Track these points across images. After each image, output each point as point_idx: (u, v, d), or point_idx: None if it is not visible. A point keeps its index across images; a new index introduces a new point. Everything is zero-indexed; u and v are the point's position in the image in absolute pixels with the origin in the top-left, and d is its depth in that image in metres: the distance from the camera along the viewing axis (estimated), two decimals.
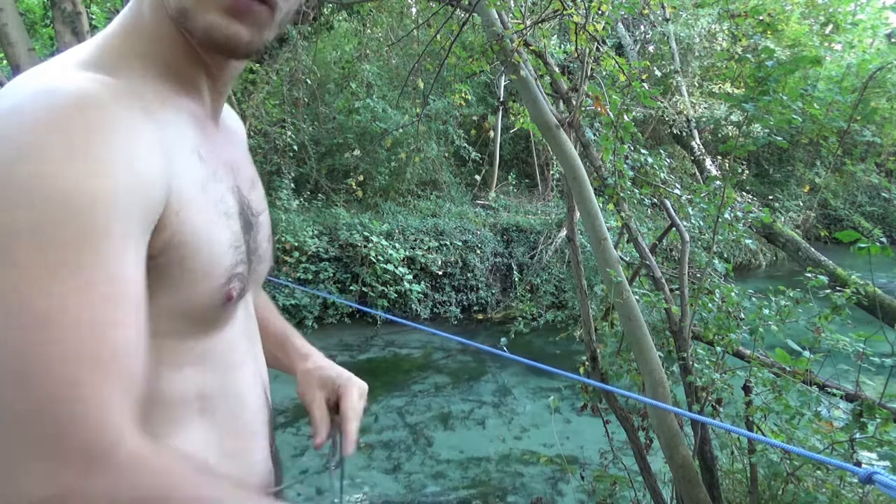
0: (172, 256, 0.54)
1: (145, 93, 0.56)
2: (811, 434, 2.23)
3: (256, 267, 0.69)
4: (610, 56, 3.19)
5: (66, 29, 6.09)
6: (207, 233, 0.57)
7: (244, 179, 0.69)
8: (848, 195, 12.83)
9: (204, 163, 0.60)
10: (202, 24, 0.56)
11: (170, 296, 0.55)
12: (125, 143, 0.48)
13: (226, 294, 0.60)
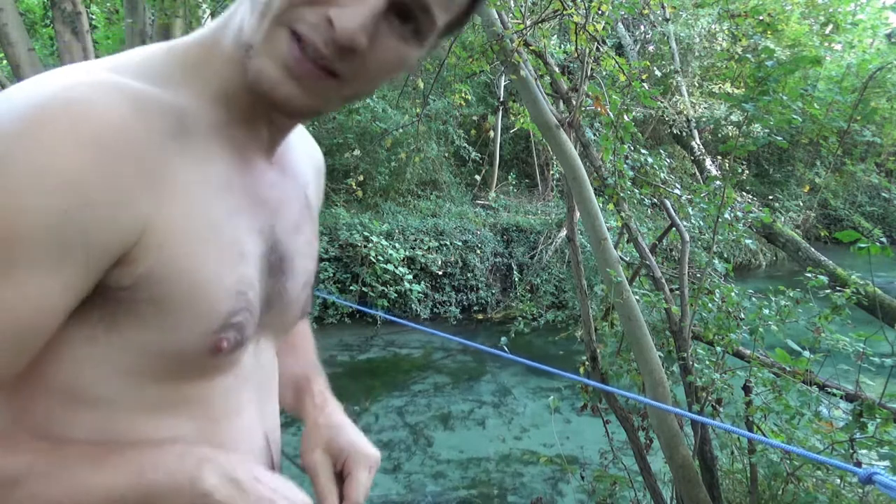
0: (148, 292, 0.49)
1: (189, 113, 0.53)
2: (811, 434, 2.23)
3: (280, 315, 0.64)
4: (610, 56, 3.19)
5: (66, 29, 6.09)
6: (200, 273, 0.51)
7: (285, 220, 0.62)
8: (848, 195, 12.83)
9: (229, 197, 0.55)
10: (255, 67, 0.51)
11: (141, 333, 0.51)
12: (87, 164, 0.44)
13: (214, 343, 0.54)
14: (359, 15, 0.48)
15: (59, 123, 0.44)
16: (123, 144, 0.46)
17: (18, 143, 0.43)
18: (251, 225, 0.57)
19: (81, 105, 0.45)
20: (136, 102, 0.48)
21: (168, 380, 0.55)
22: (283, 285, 0.63)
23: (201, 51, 0.56)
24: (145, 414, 0.55)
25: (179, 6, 4.96)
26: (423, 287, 7.28)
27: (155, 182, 0.48)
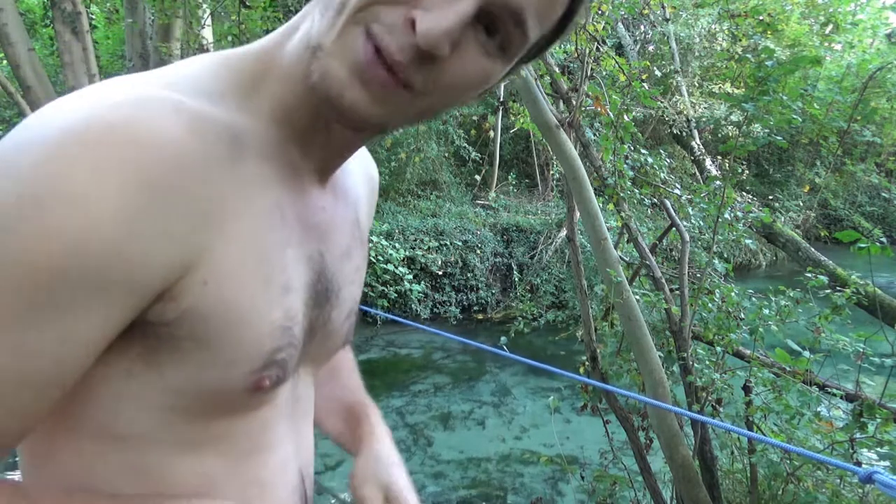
0: (190, 329, 0.46)
1: (244, 134, 0.49)
2: (811, 434, 2.23)
3: (321, 344, 0.61)
4: (610, 56, 3.20)
5: (66, 29, 6.09)
6: (245, 309, 0.48)
7: (334, 246, 0.59)
8: (848, 195, 12.83)
9: (279, 227, 0.51)
10: (321, 67, 0.46)
11: (180, 371, 0.48)
12: (140, 209, 0.40)
13: (255, 383, 0.51)
14: (445, 19, 0.43)
15: (101, 150, 0.39)
16: (176, 175, 0.42)
17: (55, 173, 0.38)
18: (300, 254, 0.54)
19: (129, 128, 0.41)
20: (193, 124, 0.44)
21: (202, 417, 0.52)
22: (328, 315, 0.60)
23: (258, 65, 0.52)
24: (177, 451, 0.52)
25: (179, 6, 4.96)
26: (423, 287, 7.28)
27: (206, 215, 0.45)
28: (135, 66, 6.38)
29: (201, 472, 0.53)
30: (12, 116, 7.80)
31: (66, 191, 0.38)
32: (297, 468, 0.63)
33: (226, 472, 0.55)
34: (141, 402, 0.48)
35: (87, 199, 0.38)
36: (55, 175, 0.38)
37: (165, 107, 0.43)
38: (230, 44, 5.06)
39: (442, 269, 7.47)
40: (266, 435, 0.58)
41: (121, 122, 0.40)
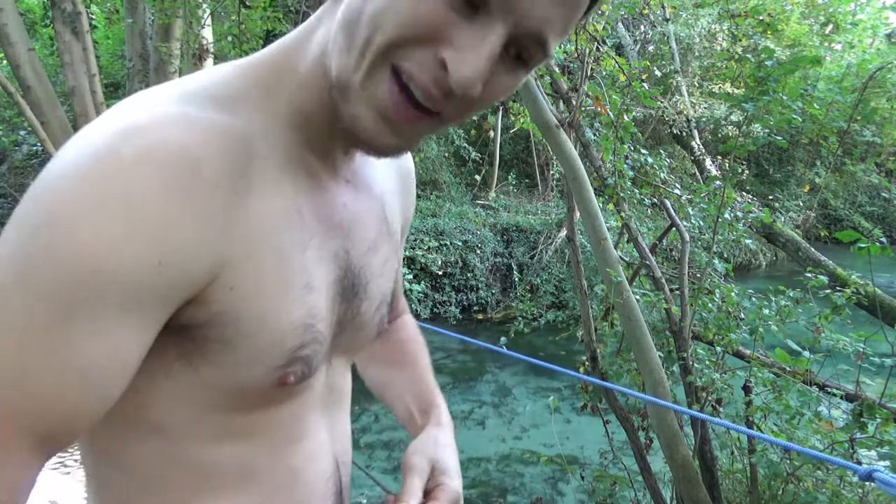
0: (217, 333, 0.49)
1: (259, 139, 0.51)
2: (811, 434, 2.23)
3: (352, 336, 0.63)
4: (610, 56, 3.20)
5: (66, 29, 6.09)
6: (266, 313, 0.50)
7: (359, 241, 0.60)
8: (848, 195, 12.83)
9: (299, 228, 0.53)
10: (350, 113, 0.49)
11: (211, 370, 0.51)
12: (173, 223, 0.43)
13: (280, 378, 0.54)
14: (478, 61, 0.44)
15: (146, 177, 0.42)
16: (203, 191, 0.45)
17: (111, 200, 0.41)
18: (323, 252, 0.56)
19: (170, 160, 0.43)
20: (207, 135, 0.46)
21: (236, 410, 0.55)
22: (358, 308, 0.61)
23: (273, 71, 0.54)
24: (215, 442, 0.55)
25: (179, 6, 4.96)
26: (423, 287, 7.28)
27: (228, 223, 0.47)
28: (135, 66, 6.39)
29: (238, 461, 0.56)
30: (12, 116, 7.80)
31: (115, 217, 0.41)
32: (331, 456, 0.66)
33: (261, 461, 0.58)
34: (179, 398, 0.52)
35: (131, 222, 0.42)
36: (94, 200, 0.41)
37: (180, 125, 0.45)
38: (230, 44, 5.06)
39: (442, 269, 7.48)
40: (299, 425, 0.60)
41: (144, 146, 0.43)
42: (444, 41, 0.44)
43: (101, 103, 6.22)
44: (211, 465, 0.56)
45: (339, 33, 0.48)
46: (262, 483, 0.59)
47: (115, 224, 0.41)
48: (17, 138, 8.08)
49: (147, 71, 6.20)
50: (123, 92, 7.81)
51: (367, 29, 0.45)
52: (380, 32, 0.44)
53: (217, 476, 0.56)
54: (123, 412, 0.52)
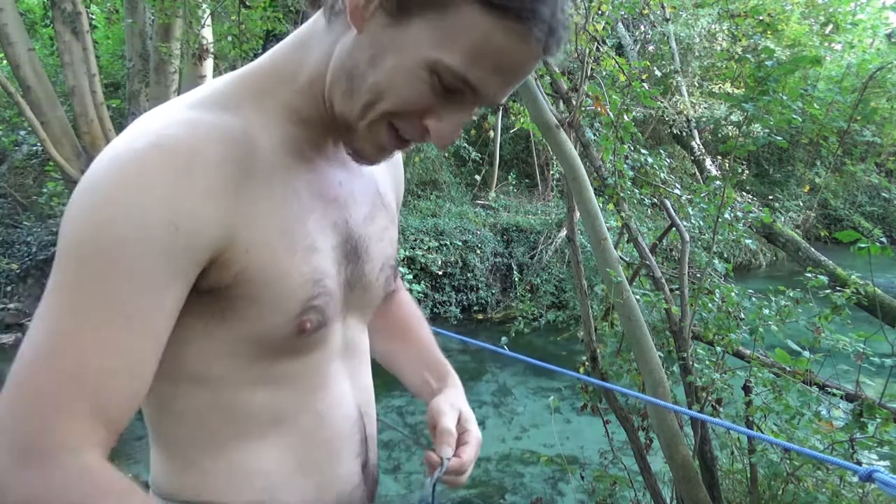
0: (242, 290, 0.60)
1: (256, 134, 0.62)
2: (811, 434, 2.23)
3: (361, 296, 0.74)
4: (610, 56, 3.20)
5: (66, 29, 6.09)
6: (278, 270, 0.61)
7: (356, 213, 0.72)
8: (848, 195, 12.82)
9: (299, 199, 0.64)
10: (356, 145, 0.64)
11: (241, 324, 0.61)
12: (180, 193, 0.54)
13: (298, 325, 0.63)
14: (454, 129, 0.61)
15: (163, 164, 0.54)
16: (210, 172, 0.56)
17: (138, 182, 0.53)
18: (322, 222, 0.66)
19: (175, 148, 0.55)
20: (208, 131, 0.57)
21: (266, 359, 0.65)
22: (362, 269, 0.72)
23: (270, 79, 0.65)
24: (248, 388, 0.65)
25: (179, 6, 4.96)
26: (423, 287, 7.27)
27: (232, 197, 0.57)
28: (135, 66, 6.38)
29: (270, 406, 0.67)
30: (12, 116, 7.79)
31: (142, 193, 0.53)
32: (355, 404, 0.75)
33: (290, 406, 0.68)
34: (217, 351, 0.63)
35: (155, 196, 0.53)
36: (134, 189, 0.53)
37: (184, 124, 0.57)
38: (230, 44, 5.05)
39: (442, 269, 7.47)
40: (321, 374, 0.71)
41: (153, 141, 0.55)
42: (429, 114, 0.60)
43: (101, 103, 6.22)
44: (247, 410, 0.66)
45: (341, 76, 0.60)
46: (293, 425, 0.69)
47: (138, 198, 0.52)
48: (17, 138, 8.07)
49: (147, 71, 6.20)
50: (123, 92, 7.80)
51: (370, 94, 0.59)
52: (382, 102, 0.59)
53: (253, 420, 0.66)
54: (170, 367, 0.62)
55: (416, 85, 0.57)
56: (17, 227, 6.96)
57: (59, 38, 6.20)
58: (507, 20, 0.53)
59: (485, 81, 0.57)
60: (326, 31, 0.62)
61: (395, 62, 0.57)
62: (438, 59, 0.55)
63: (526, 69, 0.58)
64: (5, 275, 6.37)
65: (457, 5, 0.54)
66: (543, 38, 0.55)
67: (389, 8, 0.56)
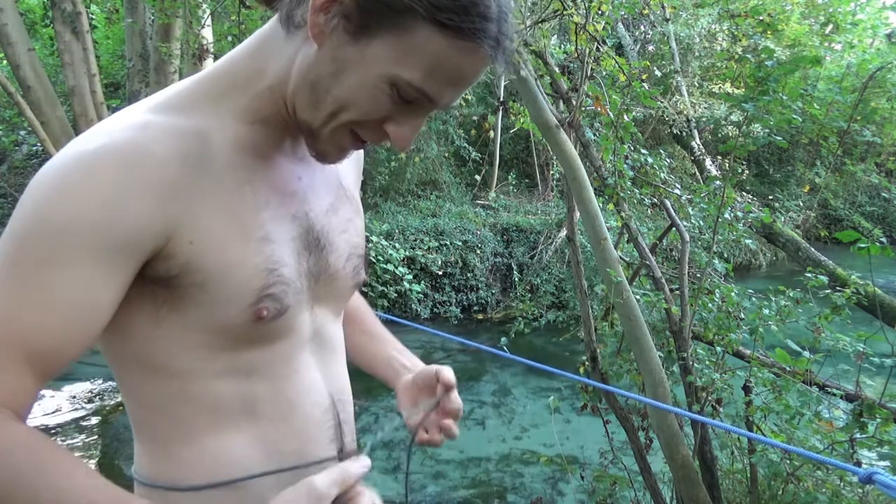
0: (191, 279, 0.63)
1: (210, 133, 0.65)
2: (811, 434, 2.23)
3: (327, 285, 0.76)
4: (610, 56, 3.19)
5: (66, 29, 6.09)
6: (228, 259, 0.64)
7: (317, 205, 0.75)
8: (848, 195, 12.82)
9: (250, 195, 0.67)
10: (319, 148, 0.68)
11: (197, 312, 0.64)
12: (119, 192, 0.58)
13: (254, 313, 0.66)
14: (411, 132, 0.66)
15: (108, 163, 0.58)
16: (152, 171, 0.59)
17: (82, 179, 0.57)
18: (280, 213, 0.69)
19: (120, 148, 0.59)
20: (159, 133, 0.61)
21: (230, 349, 0.67)
22: (326, 259, 0.74)
23: (226, 84, 0.68)
24: (216, 378, 0.68)
25: (179, 6, 4.96)
26: (423, 287, 7.27)
27: (179, 195, 0.61)
28: (135, 66, 6.38)
29: (241, 395, 0.69)
30: (12, 116, 7.80)
31: (83, 190, 0.57)
32: (326, 392, 0.77)
33: (261, 395, 0.70)
34: (177, 343, 0.65)
35: (95, 194, 0.57)
36: (80, 183, 0.58)
37: (136, 127, 0.61)
38: (230, 44, 5.05)
39: (442, 269, 7.47)
40: (290, 363, 0.72)
41: (105, 142, 0.59)
42: (388, 120, 0.65)
43: (101, 103, 6.22)
44: (217, 399, 0.68)
45: (304, 87, 0.64)
46: (264, 414, 0.70)
47: (78, 195, 0.57)
48: (17, 138, 8.07)
49: (147, 71, 6.20)
50: (124, 92, 7.80)
51: (333, 105, 0.64)
52: (345, 113, 0.64)
53: (224, 409, 0.68)
54: (138, 360, 0.67)
55: (377, 97, 0.62)
56: None
57: (59, 38, 6.20)
58: (459, 39, 0.59)
59: (440, 92, 0.63)
60: (286, 41, 0.66)
61: (357, 77, 0.62)
62: (398, 75, 0.60)
63: (476, 78, 0.64)
64: None
65: (414, 27, 0.58)
66: (491, 51, 0.61)
67: (350, 28, 0.60)
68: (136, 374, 0.68)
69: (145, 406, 0.69)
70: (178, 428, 0.69)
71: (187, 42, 5.10)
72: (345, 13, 0.60)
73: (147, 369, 0.67)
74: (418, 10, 0.58)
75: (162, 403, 0.68)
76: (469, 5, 0.58)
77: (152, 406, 0.69)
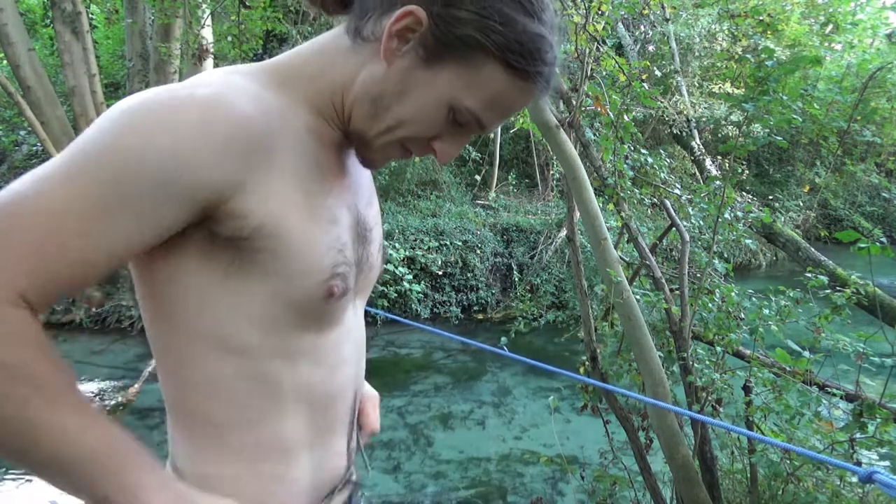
0: (264, 244, 0.63)
1: (288, 111, 0.67)
2: (811, 434, 2.23)
3: (367, 275, 0.79)
4: (610, 56, 3.20)
5: (66, 29, 6.09)
6: (303, 233, 0.65)
7: (361, 198, 0.78)
8: (848, 195, 12.82)
9: (322, 176, 0.70)
10: (367, 155, 0.73)
11: (266, 281, 0.64)
12: (195, 142, 0.58)
13: (327, 290, 0.67)
14: (456, 151, 0.72)
15: (189, 114, 0.58)
16: (235, 126, 0.60)
17: (160, 124, 0.57)
18: (340, 202, 0.72)
19: (208, 100, 0.60)
20: (255, 101, 0.63)
21: (296, 328, 0.68)
22: (368, 250, 0.78)
23: (293, 72, 0.71)
24: (280, 360, 0.68)
25: (179, 6, 4.96)
26: (423, 287, 7.27)
27: (257, 156, 0.62)
28: (135, 66, 6.38)
29: (296, 380, 0.70)
30: (12, 116, 7.80)
31: (158, 138, 0.57)
32: (353, 387, 0.80)
33: (310, 381, 0.71)
34: (243, 315, 0.65)
35: (172, 141, 0.57)
36: (155, 131, 0.57)
37: (231, 86, 0.62)
38: (230, 44, 5.05)
39: (442, 269, 7.47)
40: (338, 353, 0.74)
41: (201, 96, 0.60)
42: (437, 138, 0.70)
43: (101, 103, 6.22)
44: (277, 382, 0.68)
45: (365, 100, 0.68)
46: (315, 402, 0.72)
47: (153, 138, 0.56)
48: (17, 138, 8.07)
49: (147, 71, 6.20)
50: (123, 92, 7.80)
51: (392, 121, 0.68)
52: (401, 129, 0.68)
53: (280, 393, 0.69)
54: (193, 331, 0.65)
55: (435, 119, 0.68)
56: None
57: (59, 38, 6.20)
58: (520, 80, 0.66)
59: (491, 119, 0.69)
60: (351, 51, 0.69)
61: (421, 100, 0.66)
62: (460, 101, 0.66)
63: (521, 109, 0.73)
64: None
65: (483, 63, 0.64)
66: (542, 91, 0.69)
67: (423, 54, 0.65)
68: (186, 349, 0.66)
69: (195, 385, 0.67)
70: (235, 411, 0.67)
71: (187, 42, 5.10)
72: (422, 42, 0.64)
73: (200, 342, 0.65)
74: (491, 49, 0.63)
75: (222, 384, 0.67)
76: (535, 51, 0.65)
77: (204, 385, 0.67)
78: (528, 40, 0.64)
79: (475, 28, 0.63)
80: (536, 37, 0.64)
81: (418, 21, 0.63)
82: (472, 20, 0.63)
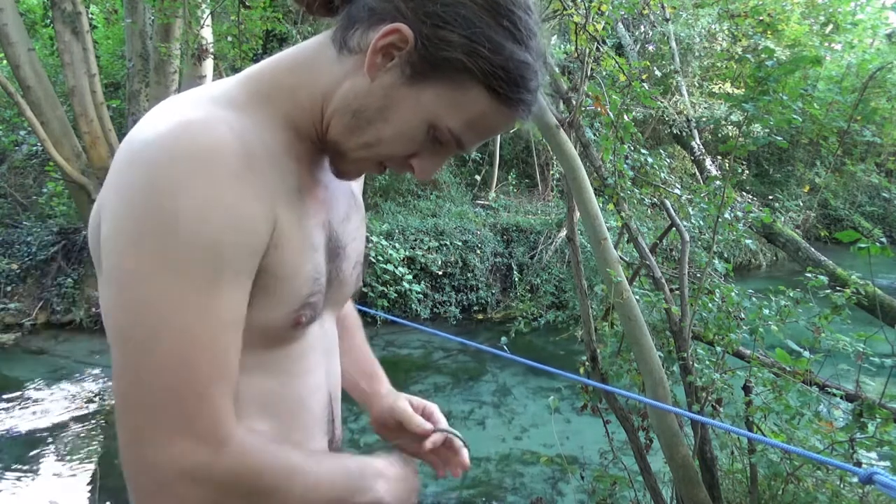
0: (262, 282, 0.64)
1: (266, 134, 0.66)
2: (811, 434, 2.22)
3: (337, 291, 0.79)
4: (610, 56, 3.20)
5: (66, 29, 6.08)
6: (295, 266, 0.66)
7: (336, 213, 0.78)
8: (848, 195, 12.82)
9: (301, 200, 0.69)
10: (342, 167, 0.73)
11: (252, 312, 0.64)
12: (246, 191, 0.59)
13: (294, 319, 0.69)
14: (435, 169, 0.72)
15: (224, 164, 0.58)
16: (258, 171, 0.61)
17: (213, 182, 0.57)
18: (316, 221, 0.72)
19: (225, 145, 0.58)
20: (242, 133, 0.61)
21: (259, 347, 0.69)
22: (339, 266, 0.78)
23: (273, 84, 0.69)
24: (245, 374, 0.67)
25: (179, 6, 4.95)
26: (422, 287, 7.27)
27: (271, 197, 0.63)
28: (135, 66, 6.38)
29: (262, 391, 0.71)
30: (12, 116, 7.79)
31: (214, 195, 0.57)
32: (327, 391, 0.81)
33: (278, 391, 0.73)
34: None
35: (225, 200, 0.58)
36: (203, 186, 0.57)
37: (221, 124, 0.60)
38: (230, 44, 5.05)
39: (442, 269, 7.47)
40: (304, 362, 0.76)
41: (214, 138, 0.58)
42: (415, 155, 0.70)
43: (101, 103, 6.22)
44: (244, 394, 0.68)
45: (346, 112, 0.67)
46: (277, 410, 0.73)
47: (210, 201, 0.56)
48: (17, 138, 8.07)
49: (147, 71, 6.20)
50: (123, 92, 7.80)
51: (372, 137, 0.67)
52: (380, 146, 0.68)
53: (247, 403, 0.69)
54: None
55: (415, 137, 0.67)
56: (17, 227, 6.95)
57: (59, 38, 6.20)
58: (503, 106, 0.66)
59: (471, 140, 0.69)
60: (336, 61, 0.68)
61: (403, 118, 0.66)
62: (442, 121, 0.66)
63: (499, 133, 0.74)
64: (5, 275, 6.37)
65: (468, 85, 0.64)
66: (523, 116, 0.69)
67: (408, 72, 0.64)
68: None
69: None
70: None
71: (187, 42, 5.09)
72: (408, 60, 0.64)
73: None
74: (476, 73, 0.63)
75: None
76: (520, 79, 0.65)
77: None
78: (513, 67, 0.64)
79: (463, 52, 0.62)
80: (522, 64, 0.64)
81: (404, 39, 0.63)
82: (461, 44, 0.62)
